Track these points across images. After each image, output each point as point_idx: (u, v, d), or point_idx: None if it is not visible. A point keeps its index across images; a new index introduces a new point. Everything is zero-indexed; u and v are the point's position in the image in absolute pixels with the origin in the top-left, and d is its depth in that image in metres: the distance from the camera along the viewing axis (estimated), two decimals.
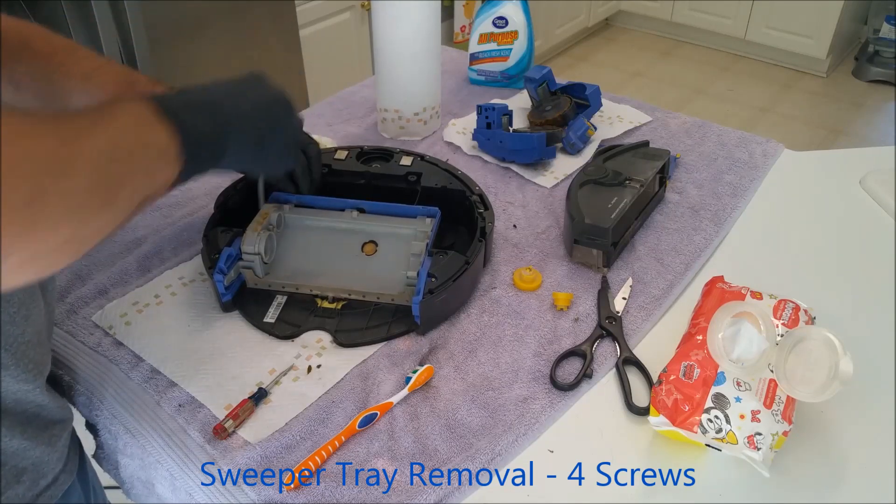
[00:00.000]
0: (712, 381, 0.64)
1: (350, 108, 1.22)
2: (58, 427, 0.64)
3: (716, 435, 0.61)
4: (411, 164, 0.92)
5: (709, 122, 1.16)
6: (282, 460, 0.63)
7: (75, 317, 0.78)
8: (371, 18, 1.07)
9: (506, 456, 0.64)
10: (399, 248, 0.81)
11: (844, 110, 3.22)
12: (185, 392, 0.69)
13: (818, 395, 0.61)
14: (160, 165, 0.49)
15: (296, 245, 0.83)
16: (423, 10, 1.01)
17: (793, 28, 3.35)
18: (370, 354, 0.74)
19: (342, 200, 0.86)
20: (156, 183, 0.49)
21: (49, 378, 0.66)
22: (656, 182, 0.93)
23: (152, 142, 0.48)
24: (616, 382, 0.72)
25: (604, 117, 1.17)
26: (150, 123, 0.48)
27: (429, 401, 0.69)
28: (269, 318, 0.77)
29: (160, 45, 1.59)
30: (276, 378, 0.71)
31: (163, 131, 0.49)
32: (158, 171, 0.49)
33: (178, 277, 0.83)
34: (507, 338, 0.76)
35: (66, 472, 0.65)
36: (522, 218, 0.94)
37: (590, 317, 0.79)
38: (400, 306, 0.78)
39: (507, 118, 1.06)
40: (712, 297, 0.75)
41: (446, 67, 1.30)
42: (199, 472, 0.63)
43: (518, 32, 1.22)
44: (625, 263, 0.86)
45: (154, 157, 0.48)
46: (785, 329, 0.69)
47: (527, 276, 0.82)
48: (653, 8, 3.80)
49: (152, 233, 0.90)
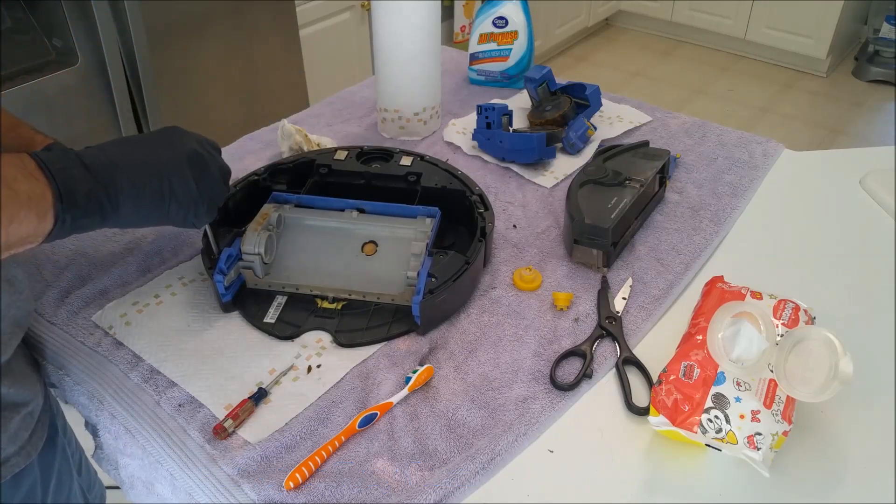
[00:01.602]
0: (712, 381, 0.64)
1: (350, 108, 1.22)
2: (8, 410, 0.64)
3: (716, 435, 0.61)
4: (411, 164, 0.92)
5: (709, 122, 1.16)
6: (282, 460, 0.63)
7: (75, 317, 0.78)
8: (371, 18, 1.07)
9: (506, 456, 0.64)
10: (399, 248, 0.81)
11: (844, 110, 3.22)
12: (185, 392, 0.69)
13: (818, 395, 0.61)
14: (28, 215, 0.50)
15: (296, 245, 0.83)
16: (423, 10, 1.01)
17: (793, 28, 3.35)
18: (370, 354, 0.74)
19: (342, 200, 0.86)
20: (20, 231, 0.50)
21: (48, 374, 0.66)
22: (656, 182, 0.93)
23: (23, 190, 0.49)
24: (616, 382, 0.72)
25: (604, 117, 1.17)
26: (25, 174, 0.50)
27: (429, 401, 0.69)
28: (270, 318, 0.77)
29: (160, 45, 1.59)
30: (276, 378, 0.71)
31: (38, 184, 0.50)
32: (25, 220, 0.50)
33: (178, 277, 0.83)
34: (507, 338, 0.76)
35: (21, 455, 0.66)
36: (522, 218, 0.94)
37: (590, 317, 0.79)
38: (400, 306, 0.78)
39: (507, 118, 1.06)
40: (712, 297, 0.75)
41: (446, 67, 1.30)
42: (198, 472, 0.63)
43: (518, 32, 1.22)
44: (625, 263, 0.86)
45: (22, 205, 0.49)
46: (785, 329, 0.69)
47: (527, 276, 0.82)
48: (653, 8, 3.79)
49: (152, 233, 0.90)
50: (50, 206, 0.52)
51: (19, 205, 0.49)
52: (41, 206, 0.51)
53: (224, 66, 1.77)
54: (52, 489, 0.73)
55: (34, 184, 0.51)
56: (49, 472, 0.73)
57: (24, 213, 0.50)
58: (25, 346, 0.74)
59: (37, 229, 0.52)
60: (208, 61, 1.73)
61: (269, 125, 1.16)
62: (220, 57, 1.75)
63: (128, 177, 0.59)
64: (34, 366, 0.73)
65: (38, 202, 0.51)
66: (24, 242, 0.52)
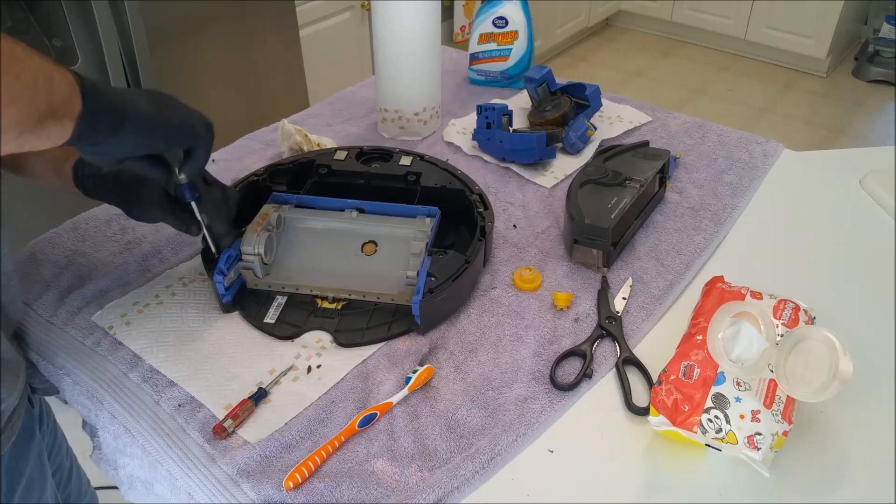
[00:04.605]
0: (712, 381, 0.64)
1: (350, 108, 1.22)
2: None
3: (716, 435, 0.61)
4: (411, 163, 0.92)
5: (709, 122, 1.16)
6: (281, 460, 0.63)
7: (75, 317, 0.78)
8: (371, 18, 1.07)
9: (505, 456, 0.64)
10: (399, 247, 0.81)
11: (844, 110, 3.22)
12: (185, 392, 0.69)
13: (818, 395, 0.61)
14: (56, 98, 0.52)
15: (296, 245, 0.83)
16: (423, 10, 1.01)
17: (793, 28, 3.35)
18: (370, 354, 0.74)
19: (342, 200, 0.86)
20: (52, 102, 0.51)
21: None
22: (656, 182, 0.93)
23: (57, 77, 0.52)
24: (616, 382, 0.71)
25: (604, 117, 1.17)
26: (58, 70, 0.53)
27: (429, 401, 0.69)
28: (270, 318, 0.77)
29: (160, 45, 1.59)
30: (276, 378, 0.71)
31: (67, 77, 0.53)
32: (60, 81, 0.52)
33: (178, 277, 0.83)
34: (507, 338, 0.76)
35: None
36: (522, 218, 0.94)
37: (590, 317, 0.79)
38: (400, 306, 0.78)
39: (507, 118, 1.06)
40: (712, 297, 0.75)
41: (446, 67, 1.30)
42: (198, 472, 0.63)
43: (518, 32, 1.22)
44: (625, 263, 0.86)
45: (54, 87, 0.51)
46: (785, 329, 0.69)
47: (527, 276, 0.82)
48: (653, 8, 3.79)
49: (152, 233, 0.90)
50: (75, 83, 0.54)
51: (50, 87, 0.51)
52: (70, 92, 0.53)
53: (224, 66, 1.77)
54: (20, 493, 0.72)
55: (64, 75, 0.54)
56: (18, 476, 0.72)
57: (57, 75, 0.52)
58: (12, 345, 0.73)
59: (63, 111, 0.53)
60: (208, 61, 1.73)
61: (269, 125, 1.16)
62: (220, 57, 1.75)
63: (133, 98, 0.60)
64: (11, 367, 0.71)
65: (67, 86, 0.53)
66: (46, 138, 0.53)
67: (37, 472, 0.75)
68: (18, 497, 0.72)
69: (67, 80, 0.53)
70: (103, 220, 0.92)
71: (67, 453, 0.89)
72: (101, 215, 0.93)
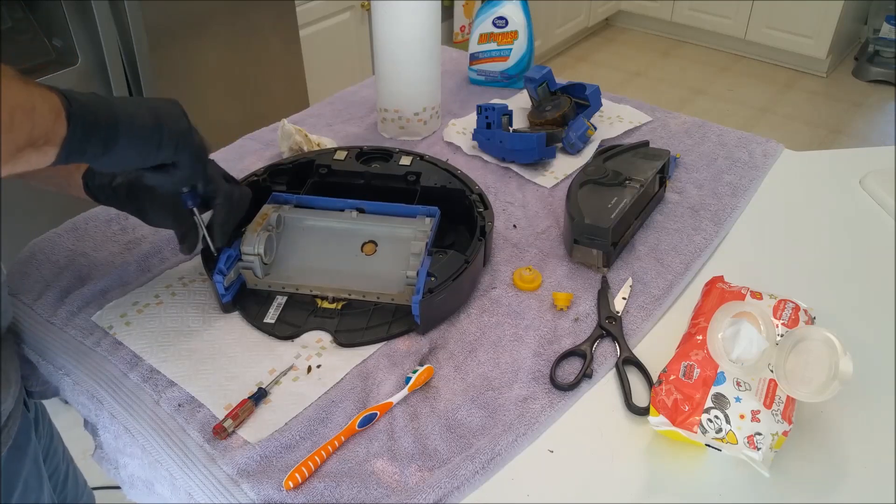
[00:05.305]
0: (712, 381, 0.64)
1: (350, 108, 1.22)
2: None
3: (716, 435, 0.61)
4: (411, 163, 0.92)
5: (709, 122, 1.16)
6: (281, 460, 0.63)
7: (75, 317, 0.78)
8: (371, 18, 1.07)
9: (506, 456, 0.64)
10: (399, 247, 0.81)
11: (844, 110, 3.22)
12: (185, 392, 0.69)
13: (818, 395, 0.61)
14: (37, 129, 0.51)
15: (296, 245, 0.83)
16: (423, 10, 1.01)
17: (793, 28, 3.35)
18: (370, 354, 0.74)
19: (342, 200, 0.86)
20: (32, 134, 0.51)
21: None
22: (656, 182, 0.93)
23: (39, 106, 0.51)
24: (616, 382, 0.71)
25: (604, 117, 1.17)
26: (42, 96, 0.52)
27: (429, 401, 0.69)
28: (270, 318, 0.77)
29: (160, 45, 1.59)
30: (276, 378, 0.71)
31: (52, 102, 0.52)
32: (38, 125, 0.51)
33: (178, 277, 0.83)
34: (507, 338, 0.76)
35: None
36: (522, 218, 0.94)
37: (590, 317, 0.79)
38: (400, 306, 0.78)
39: (507, 118, 1.06)
40: (712, 297, 0.75)
41: (446, 67, 1.30)
42: (198, 472, 0.63)
43: (518, 32, 1.22)
44: (625, 263, 0.86)
45: (35, 119, 0.51)
46: (785, 329, 0.69)
47: (527, 276, 0.82)
48: (653, 8, 3.79)
49: (152, 233, 0.90)
50: (61, 108, 0.53)
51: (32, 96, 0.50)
52: (54, 113, 0.52)
53: (224, 66, 1.77)
54: (17, 496, 0.72)
55: (49, 98, 0.53)
56: (15, 479, 0.72)
57: (40, 103, 0.51)
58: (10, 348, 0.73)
59: (48, 133, 0.52)
60: (208, 61, 1.73)
61: (269, 125, 1.16)
62: (220, 57, 1.75)
63: (126, 111, 0.59)
64: (7, 372, 0.71)
65: (50, 109, 0.52)
66: (40, 142, 0.52)
67: (33, 476, 0.75)
68: (15, 500, 0.72)
69: (51, 106, 0.52)
70: (103, 220, 0.92)
71: (64, 455, 0.89)
72: (101, 215, 0.93)
